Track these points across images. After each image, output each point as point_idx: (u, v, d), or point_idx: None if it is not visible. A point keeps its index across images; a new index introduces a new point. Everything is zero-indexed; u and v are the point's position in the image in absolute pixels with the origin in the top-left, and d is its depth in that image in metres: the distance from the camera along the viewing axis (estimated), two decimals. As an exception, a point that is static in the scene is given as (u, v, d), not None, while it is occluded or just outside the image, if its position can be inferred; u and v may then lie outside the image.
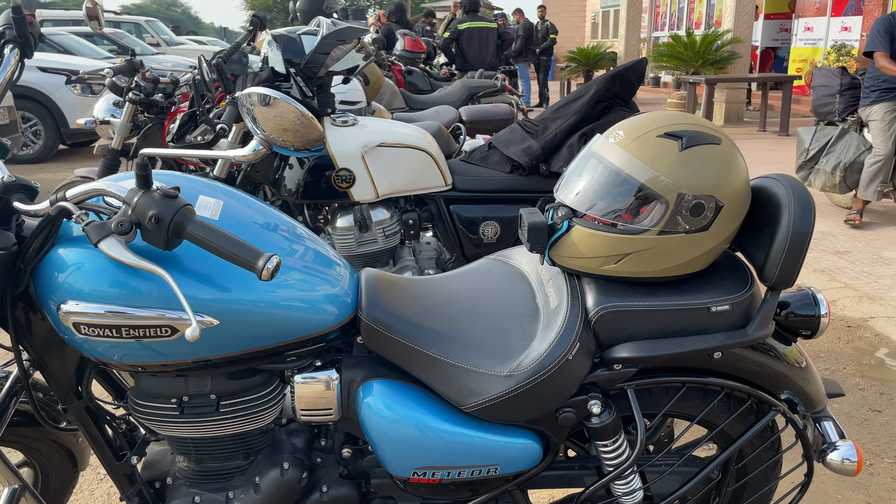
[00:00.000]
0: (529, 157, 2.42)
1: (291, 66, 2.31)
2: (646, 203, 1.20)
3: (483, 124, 4.36)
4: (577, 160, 1.32)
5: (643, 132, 1.23)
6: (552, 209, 1.31)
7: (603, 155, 1.25)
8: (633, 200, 1.21)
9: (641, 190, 1.20)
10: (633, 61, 2.50)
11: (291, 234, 1.25)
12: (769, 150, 8.14)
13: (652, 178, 1.19)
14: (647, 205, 1.20)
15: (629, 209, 1.21)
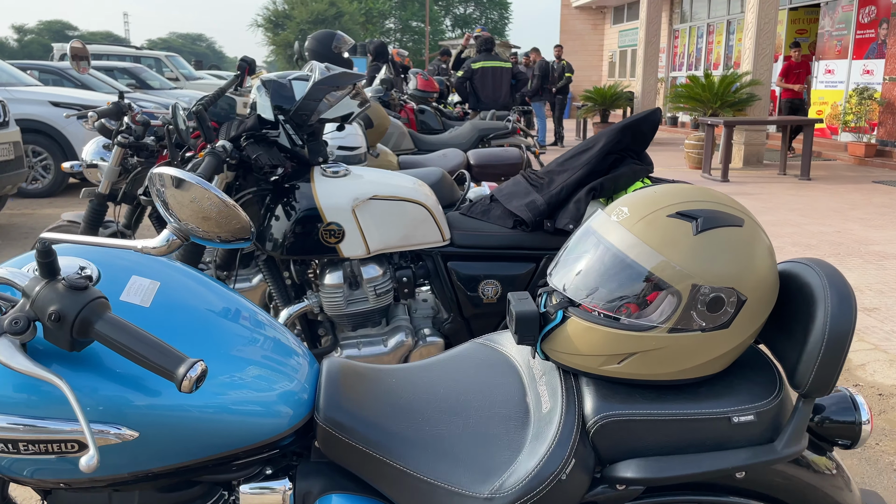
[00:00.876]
0: (533, 212, 2.25)
1: (280, 113, 2.17)
2: (654, 294, 1.01)
3: (491, 168, 4.21)
4: (574, 238, 1.14)
5: (651, 210, 1.05)
6: (545, 295, 1.13)
7: (604, 234, 1.07)
8: (639, 290, 1.02)
9: (649, 279, 1.01)
10: (646, 111, 2.33)
11: (242, 321, 1.08)
12: (790, 195, 7.92)
13: (661, 266, 1.01)
14: (656, 296, 1.01)
15: (635, 300, 1.02)
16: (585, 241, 1.10)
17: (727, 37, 15.52)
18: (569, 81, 13.48)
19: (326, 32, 5.02)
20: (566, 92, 13.66)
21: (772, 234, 6.05)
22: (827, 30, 12.07)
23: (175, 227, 0.84)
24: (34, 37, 75.00)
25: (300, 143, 2.21)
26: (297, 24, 40.57)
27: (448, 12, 50.47)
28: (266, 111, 2.18)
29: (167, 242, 0.84)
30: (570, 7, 23.16)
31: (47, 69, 11.30)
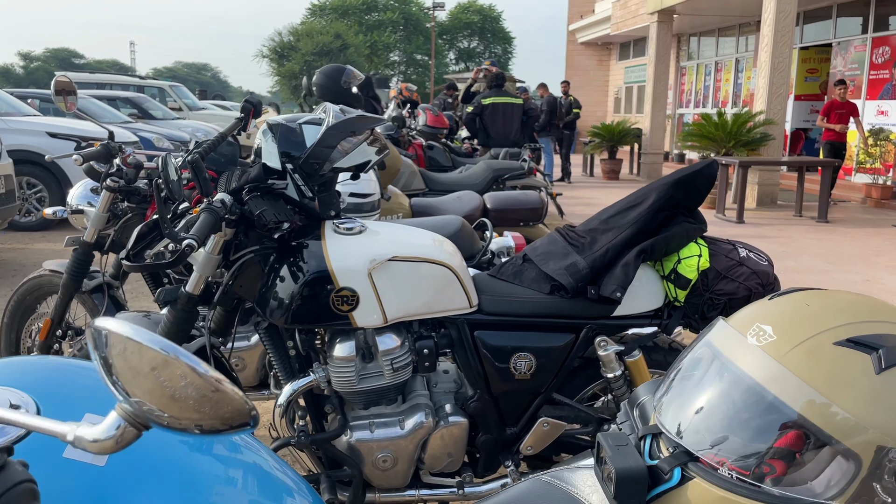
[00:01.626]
0: (574, 276, 1.97)
1: (289, 161, 1.91)
2: (816, 453, 0.73)
3: (510, 213, 3.94)
4: (689, 359, 0.86)
5: (809, 334, 0.77)
6: (649, 437, 0.84)
7: (736, 360, 0.79)
8: (790, 443, 0.74)
9: (809, 433, 0.73)
10: (700, 163, 2.07)
11: (221, 459, 0.79)
12: (809, 239, 7.66)
13: (825, 413, 0.72)
14: (820, 457, 0.73)
15: (783, 456, 0.74)
16: (707, 367, 0.82)
17: (735, 74, 15.42)
18: (577, 117, 13.35)
19: (335, 67, 4.81)
20: (573, 127, 13.52)
21: (797, 282, 5.77)
22: (839, 69, 11.94)
23: (127, 410, 0.57)
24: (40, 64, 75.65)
25: (310, 195, 1.94)
26: (301, 55, 40.83)
27: (452, 46, 50.90)
28: (272, 159, 1.92)
29: (115, 434, 0.56)
30: (576, 43, 23.21)
31: (48, 98, 11.14)
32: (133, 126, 11.30)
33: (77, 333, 2.76)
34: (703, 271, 1.99)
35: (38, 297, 2.87)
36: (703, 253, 2.01)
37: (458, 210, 3.88)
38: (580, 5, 23.69)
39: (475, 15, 49.69)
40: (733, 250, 2.06)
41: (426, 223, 2.91)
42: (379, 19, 47.40)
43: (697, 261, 1.99)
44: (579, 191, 12.14)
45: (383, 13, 47.40)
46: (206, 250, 1.83)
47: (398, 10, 47.37)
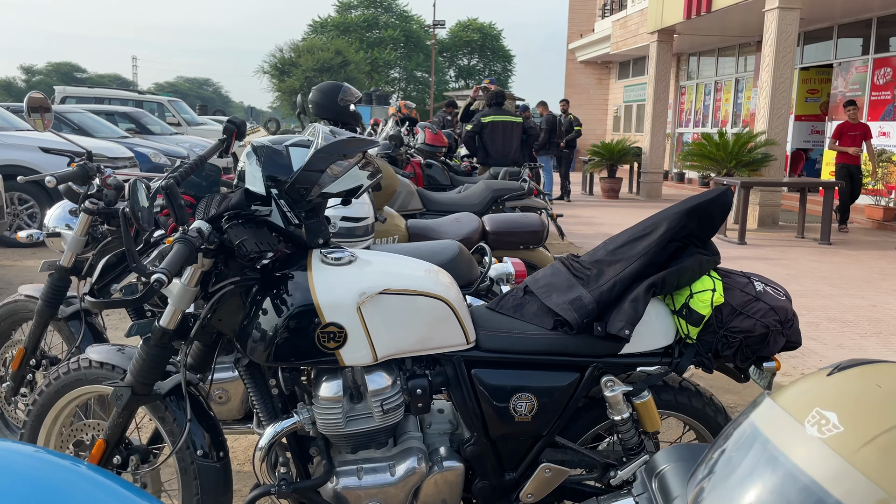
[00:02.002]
0: (579, 311, 1.84)
1: (274, 186, 1.78)
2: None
3: (509, 237, 3.82)
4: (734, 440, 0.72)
5: (886, 427, 0.63)
6: None
7: (791, 453, 0.65)
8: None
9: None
10: (714, 191, 1.94)
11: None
12: (813, 262, 7.53)
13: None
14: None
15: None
16: (755, 456, 0.68)
17: (735, 94, 15.38)
18: (578, 135, 13.28)
19: (332, 84, 4.70)
20: (574, 146, 13.45)
21: (802, 306, 5.64)
22: (840, 90, 11.89)
23: None
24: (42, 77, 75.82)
25: (296, 223, 1.81)
26: (302, 71, 40.92)
27: (453, 63, 51.08)
28: (256, 183, 1.79)
29: None
30: (576, 61, 23.24)
31: (45, 112, 11.04)
32: (129, 141, 11.19)
33: (52, 363, 2.61)
34: (717, 307, 1.86)
35: (12, 323, 2.73)
36: (716, 287, 1.88)
37: (456, 233, 3.76)
38: (580, 24, 23.75)
39: (475, 33, 49.92)
40: (749, 284, 1.93)
41: (422, 248, 2.78)
42: (380, 36, 47.60)
43: (711, 295, 1.86)
44: (579, 210, 12.03)
45: (384, 31, 47.62)
46: (181, 282, 1.70)
47: (399, 28, 47.60)
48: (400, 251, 2.75)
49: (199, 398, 1.88)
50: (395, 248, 2.77)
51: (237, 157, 1.99)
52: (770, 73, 9.75)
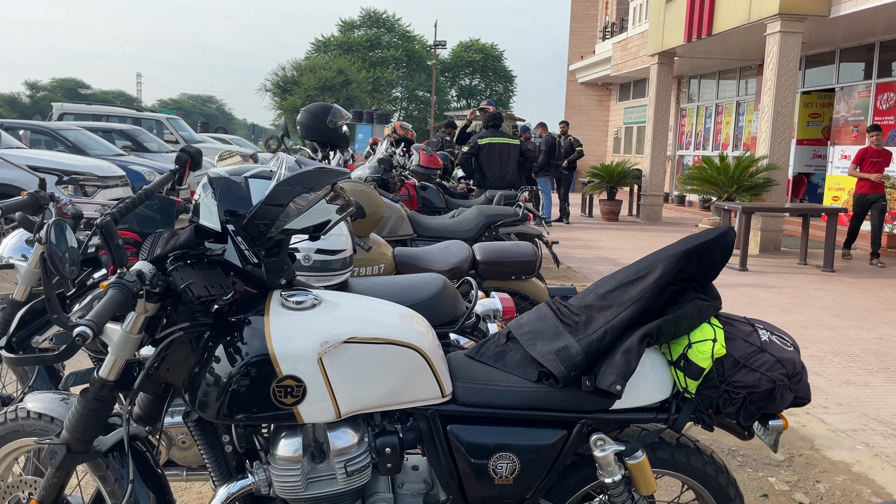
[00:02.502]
0: (566, 363, 1.66)
1: (231, 221, 1.62)
2: None
3: (501, 266, 3.65)
4: None
5: None
6: None
7: None
8: None
9: None
10: (715, 230, 1.78)
11: None
12: (816, 290, 7.35)
13: None
14: None
15: None
16: None
17: (736, 117, 15.30)
18: (580, 155, 13.17)
19: (320, 105, 4.56)
20: (574, 167, 13.33)
21: (806, 337, 5.45)
22: (842, 115, 11.78)
23: None
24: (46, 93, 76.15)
25: (255, 261, 1.65)
26: (304, 90, 41.05)
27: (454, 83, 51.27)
28: (211, 218, 1.62)
29: None
30: (576, 83, 23.22)
31: (40, 129, 10.95)
32: (124, 159, 11.08)
33: (4, 402, 2.44)
34: (718, 359, 1.69)
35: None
36: (717, 336, 1.71)
37: (445, 262, 3.59)
38: (581, 46, 23.77)
39: (477, 53, 50.15)
40: (753, 333, 1.75)
41: (404, 282, 2.61)
42: (382, 56, 47.81)
43: (712, 346, 1.69)
44: (578, 232, 11.87)
45: (386, 50, 47.85)
46: (123, 329, 1.53)
47: (401, 48, 47.82)
48: (381, 285, 2.59)
49: (145, 454, 1.70)
50: (375, 281, 2.60)
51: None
52: (772, 96, 9.64)
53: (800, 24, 9.51)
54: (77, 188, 7.27)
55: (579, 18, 24.18)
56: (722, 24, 11.06)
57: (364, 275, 3.54)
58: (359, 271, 3.53)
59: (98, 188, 7.49)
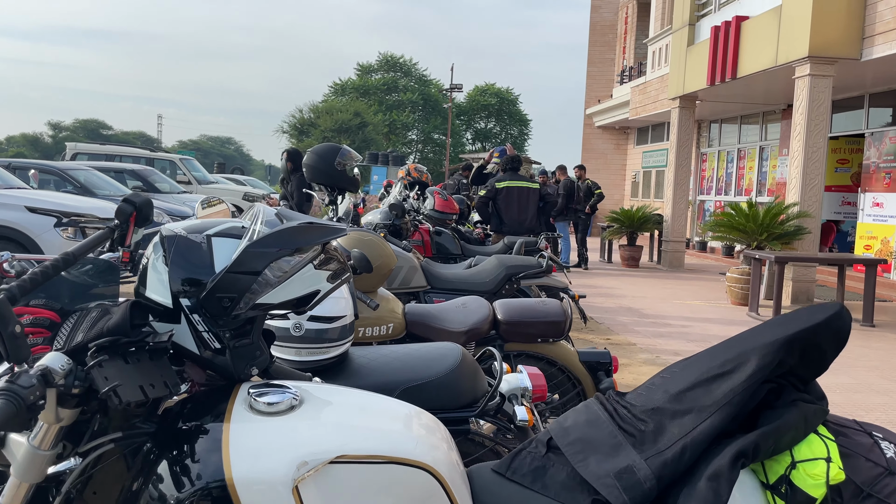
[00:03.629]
0: (631, 490, 1.23)
1: (186, 294, 1.22)
2: None
3: (526, 327, 3.22)
4: None
5: None
6: None
7: None
8: None
9: None
10: (822, 309, 1.36)
11: None
12: (859, 347, 6.84)
13: None
14: None
15: None
16: None
17: (760, 162, 14.91)
18: (601, 198, 12.79)
19: (329, 146, 4.22)
20: (595, 210, 12.93)
21: (857, 405, 4.94)
22: (873, 161, 11.35)
23: None
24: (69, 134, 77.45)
25: (218, 347, 1.25)
26: (321, 132, 41.26)
27: (469, 126, 51.46)
28: (160, 289, 1.23)
29: None
30: (593, 126, 23.02)
31: (48, 169, 10.77)
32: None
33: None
34: (834, 485, 1.25)
35: None
36: (832, 453, 1.28)
37: (462, 321, 3.18)
38: (598, 90, 23.64)
39: (492, 97, 50.42)
40: (874, 447, 1.32)
41: (415, 354, 2.20)
42: (398, 99, 48.17)
43: (826, 468, 1.25)
44: (597, 279, 11.42)
45: (403, 94, 48.22)
46: (29, 442, 1.12)
47: (418, 91, 48.17)
48: (386, 357, 2.17)
49: None
50: (380, 352, 2.19)
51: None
52: (802, 142, 9.25)
53: (830, 67, 9.18)
54: (77, 230, 6.96)
55: (596, 63, 24.11)
56: (747, 68, 10.75)
57: (370, 336, 3.13)
58: (365, 331, 3.12)
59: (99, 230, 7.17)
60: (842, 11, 9.02)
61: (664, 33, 16.62)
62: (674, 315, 8.27)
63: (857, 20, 9.03)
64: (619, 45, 23.09)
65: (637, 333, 7.10)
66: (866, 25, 8.97)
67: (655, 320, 7.89)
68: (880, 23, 8.71)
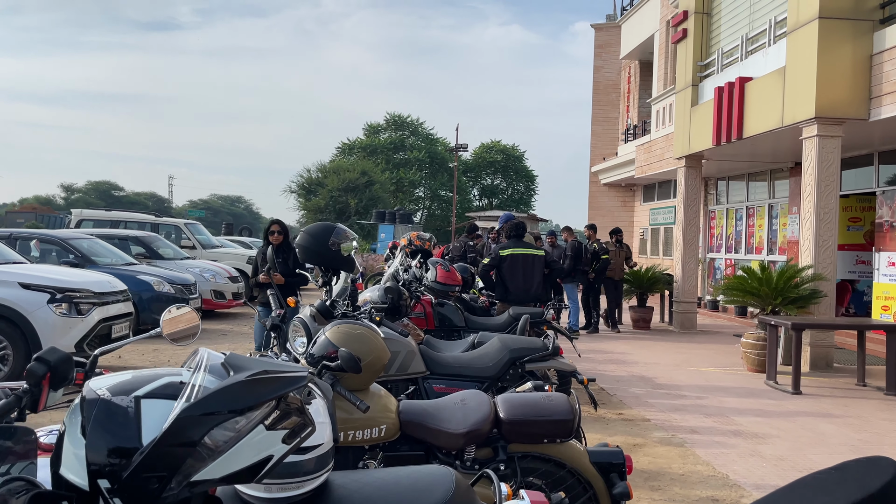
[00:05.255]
0: None
1: (106, 473, 1.01)
2: None
3: (531, 427, 2.97)
4: None
5: None
6: None
7: None
8: None
9: None
10: (874, 474, 1.13)
11: None
12: (885, 420, 6.48)
13: None
14: None
15: None
16: None
17: (770, 220, 14.72)
18: (606, 264, 12.52)
19: (322, 226, 4.05)
20: (603, 273, 12.65)
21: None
22: (886, 219, 11.12)
23: None
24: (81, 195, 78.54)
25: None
26: (328, 191, 41.56)
27: (476, 182, 51.80)
28: (75, 467, 1.02)
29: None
30: (599, 184, 23.00)
31: (50, 239, 10.69)
32: (135, 268, 10.72)
33: None
34: None
35: None
36: None
37: (461, 421, 2.93)
38: (602, 148, 23.72)
39: (498, 154, 50.89)
40: None
41: (404, 482, 1.95)
42: (405, 158, 48.65)
43: None
44: (608, 343, 11.10)
45: (410, 152, 48.73)
46: None
47: (424, 150, 48.69)
48: (370, 487, 1.93)
49: None
50: (364, 482, 1.94)
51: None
52: (812, 203, 9.08)
53: (838, 128, 9.07)
54: (71, 306, 6.79)
55: (600, 121, 24.27)
56: (753, 128, 10.67)
57: (361, 439, 2.89)
58: (355, 434, 2.88)
59: (94, 305, 7.00)
60: (847, 71, 8.96)
61: (667, 93, 16.70)
62: (688, 384, 7.94)
63: (864, 80, 8.96)
64: (623, 103, 23.27)
65: (651, 407, 6.77)
66: (873, 86, 8.89)
67: (669, 391, 7.56)
68: (887, 83, 8.62)
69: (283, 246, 6.72)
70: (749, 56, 11.38)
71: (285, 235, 6.84)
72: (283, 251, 6.67)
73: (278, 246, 6.66)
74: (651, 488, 4.50)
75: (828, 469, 1.18)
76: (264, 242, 6.85)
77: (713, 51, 12.70)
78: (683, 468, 4.97)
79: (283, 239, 6.77)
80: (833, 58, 8.95)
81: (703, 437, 5.75)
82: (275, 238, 6.71)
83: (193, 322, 2.14)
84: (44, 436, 1.63)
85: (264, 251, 6.46)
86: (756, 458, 5.27)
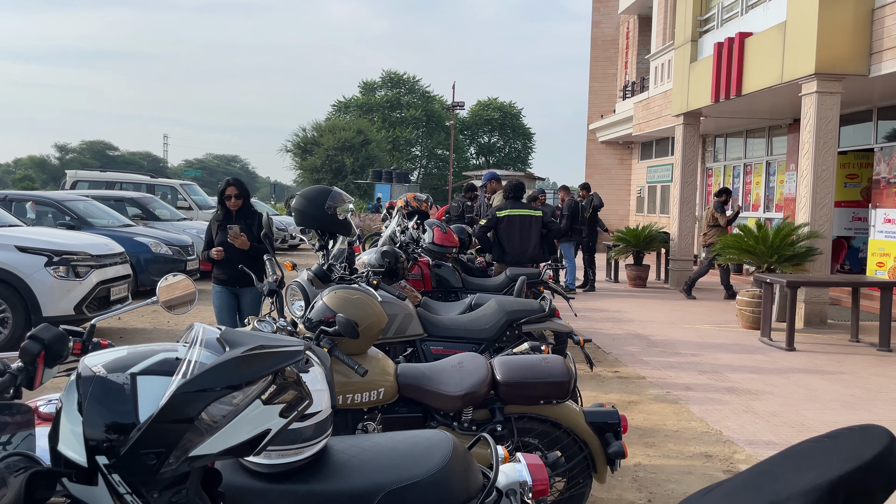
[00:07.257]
0: None
1: (104, 450, 1.02)
2: None
3: (527, 389, 3.00)
4: None
5: None
6: None
7: None
8: None
9: None
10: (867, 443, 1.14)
11: None
12: (877, 376, 6.57)
13: None
14: None
15: None
16: None
17: (767, 177, 14.67)
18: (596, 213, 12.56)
19: (318, 189, 4.03)
20: (594, 231, 12.66)
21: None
22: (883, 176, 11.10)
23: None
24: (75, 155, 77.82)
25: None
26: (324, 150, 41.23)
27: (473, 141, 51.39)
28: (73, 443, 1.03)
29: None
30: (597, 142, 22.84)
31: (46, 201, 10.63)
32: (132, 230, 10.69)
33: None
34: None
35: None
36: None
37: (458, 384, 2.96)
38: (600, 105, 23.48)
39: (495, 112, 50.38)
40: None
41: (401, 447, 1.98)
42: (402, 116, 48.15)
43: None
44: (604, 301, 11.17)
45: (406, 110, 48.20)
46: None
47: (421, 108, 48.15)
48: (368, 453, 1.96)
49: None
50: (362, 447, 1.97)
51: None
52: (811, 160, 9.03)
53: (838, 84, 8.97)
54: (68, 269, 6.79)
55: (598, 78, 23.96)
56: (752, 85, 10.56)
57: (360, 402, 2.92)
58: (354, 398, 2.91)
59: (92, 268, 7.00)
60: (848, 27, 8.82)
61: (666, 49, 16.46)
62: (683, 341, 8.02)
63: (864, 35, 8.83)
64: (621, 60, 22.95)
65: (646, 365, 6.85)
66: (874, 41, 8.77)
67: (664, 349, 7.64)
68: (888, 38, 8.50)
69: (243, 211, 5.24)
70: (749, 10, 11.18)
71: (245, 198, 5.27)
72: (246, 216, 5.24)
73: (238, 212, 5.20)
74: (646, 444, 4.58)
75: (820, 437, 1.20)
76: (219, 208, 5.30)
77: (713, 4, 12.48)
78: (678, 425, 5.05)
79: (244, 203, 5.25)
80: (834, 12, 8.81)
81: (697, 394, 5.83)
82: (232, 204, 5.19)
83: (189, 290, 2.14)
84: (43, 405, 1.65)
85: (219, 219, 5.22)
86: (749, 414, 5.35)
